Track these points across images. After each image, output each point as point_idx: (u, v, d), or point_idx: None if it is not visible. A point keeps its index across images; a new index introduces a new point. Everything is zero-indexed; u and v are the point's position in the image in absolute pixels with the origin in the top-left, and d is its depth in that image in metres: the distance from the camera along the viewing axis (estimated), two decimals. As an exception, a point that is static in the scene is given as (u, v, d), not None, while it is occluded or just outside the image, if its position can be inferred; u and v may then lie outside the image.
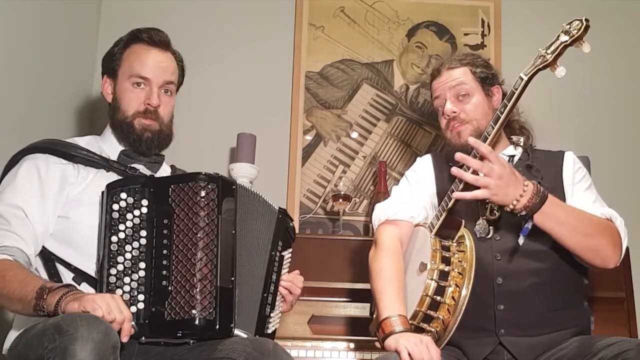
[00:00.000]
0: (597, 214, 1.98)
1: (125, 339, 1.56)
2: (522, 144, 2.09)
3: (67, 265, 1.79)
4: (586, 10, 3.07)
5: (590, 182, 2.09)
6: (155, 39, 1.99)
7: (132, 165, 1.95)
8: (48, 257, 1.81)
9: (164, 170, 2.05)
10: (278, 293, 1.97)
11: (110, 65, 2.00)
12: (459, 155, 1.86)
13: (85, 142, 1.98)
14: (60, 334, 1.45)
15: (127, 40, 2.01)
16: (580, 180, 2.07)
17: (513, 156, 2.12)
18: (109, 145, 1.98)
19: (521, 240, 1.89)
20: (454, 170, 1.87)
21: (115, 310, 1.55)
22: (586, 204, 2.01)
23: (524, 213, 1.85)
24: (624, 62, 3.15)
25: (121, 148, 1.97)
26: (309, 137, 3.06)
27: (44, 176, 1.84)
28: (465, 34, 3.16)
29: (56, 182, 1.84)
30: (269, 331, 1.93)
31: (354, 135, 3.07)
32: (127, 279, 1.71)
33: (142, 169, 1.97)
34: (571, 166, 2.09)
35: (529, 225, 1.85)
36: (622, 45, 3.14)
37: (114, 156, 1.95)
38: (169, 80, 1.99)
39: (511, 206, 1.84)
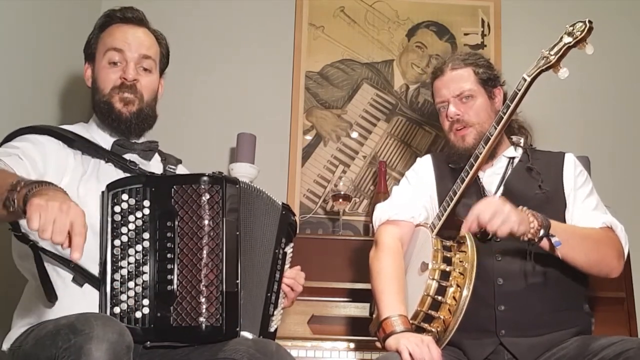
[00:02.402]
0: (597, 222, 1.99)
1: (75, 256, 1.35)
2: (522, 144, 2.09)
3: (66, 263, 1.72)
4: (586, 10, 3.08)
5: (591, 187, 2.09)
6: (127, 15, 1.95)
7: (126, 155, 1.90)
8: (39, 257, 1.71)
9: (156, 158, 2.01)
10: (281, 290, 1.96)
11: (88, 52, 1.97)
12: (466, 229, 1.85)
13: (76, 129, 1.92)
14: (75, 334, 1.44)
15: (101, 23, 1.97)
16: (581, 185, 2.08)
17: (513, 158, 2.12)
18: (99, 136, 1.92)
19: (560, 254, 1.86)
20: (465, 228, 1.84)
21: (58, 227, 1.34)
22: (587, 212, 2.02)
23: (542, 232, 1.83)
24: (624, 62, 3.15)
25: (112, 139, 1.91)
26: (309, 137, 3.05)
27: (47, 145, 1.79)
28: (465, 34, 3.16)
29: (58, 156, 1.79)
30: (272, 329, 1.93)
31: (354, 135, 3.07)
32: (131, 284, 1.69)
33: (135, 158, 1.91)
34: (572, 170, 2.09)
35: (555, 238, 1.83)
36: (622, 45, 3.14)
37: (106, 146, 1.90)
38: (144, 54, 1.93)
39: (532, 230, 1.83)
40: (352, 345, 2.42)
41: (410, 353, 1.73)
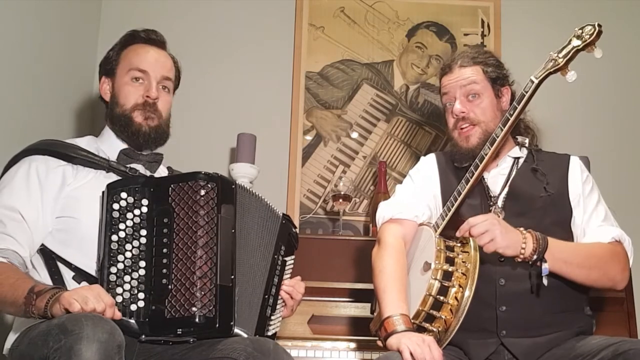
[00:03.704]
0: (607, 237, 1.99)
1: (118, 315, 1.62)
2: (527, 144, 2.09)
3: (68, 264, 1.80)
4: (586, 11, 3.09)
5: (598, 194, 2.09)
6: (151, 37, 2.04)
7: (132, 165, 1.96)
8: (49, 256, 1.81)
9: (162, 171, 2.06)
10: (279, 297, 1.98)
11: (108, 67, 2.03)
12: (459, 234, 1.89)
13: (84, 143, 1.98)
14: (66, 334, 1.45)
15: (123, 41, 2.04)
16: (589, 193, 2.08)
17: (518, 158, 2.11)
18: (107, 146, 1.99)
19: (545, 281, 1.86)
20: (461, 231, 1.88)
21: (93, 300, 1.55)
22: (595, 224, 2.03)
23: (535, 257, 1.85)
24: (624, 62, 3.15)
25: (120, 147, 1.97)
26: (309, 137, 3.05)
27: (42, 178, 1.84)
28: (465, 34, 3.16)
29: (55, 183, 1.84)
30: (269, 333, 1.94)
31: (354, 135, 3.07)
32: (127, 278, 1.72)
33: (141, 169, 1.97)
34: (578, 175, 2.09)
35: (545, 265, 1.85)
36: (623, 45, 3.13)
37: (113, 156, 1.96)
38: (166, 75, 2.02)
39: (521, 255, 1.85)
40: (352, 345, 2.42)
41: (411, 353, 1.73)
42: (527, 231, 1.88)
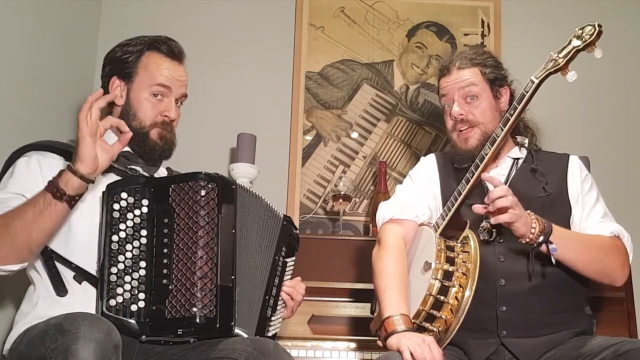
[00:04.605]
0: (606, 231, 1.99)
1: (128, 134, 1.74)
2: (526, 144, 2.09)
3: (68, 264, 1.78)
4: (586, 11, 3.10)
5: (597, 193, 2.10)
6: (175, 51, 2.01)
7: (131, 166, 1.95)
8: (49, 256, 1.80)
9: (161, 172, 2.06)
10: (279, 298, 1.98)
11: (125, 71, 1.98)
12: (487, 177, 1.91)
13: None
14: (62, 334, 1.46)
15: (144, 47, 2.00)
16: (588, 191, 2.08)
17: (518, 159, 2.12)
18: None
19: (554, 260, 1.88)
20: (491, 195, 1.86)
21: (89, 139, 1.66)
22: (595, 221, 2.03)
23: (541, 239, 1.86)
24: (624, 62, 3.15)
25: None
26: (309, 137, 3.05)
27: (44, 169, 1.82)
28: (465, 34, 3.16)
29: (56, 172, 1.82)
30: (270, 334, 1.95)
31: (354, 135, 3.07)
32: (127, 278, 1.72)
33: (140, 170, 1.96)
34: (577, 174, 2.09)
35: (552, 245, 1.86)
36: (623, 45, 3.14)
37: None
38: (185, 93, 2.02)
39: (530, 234, 1.85)
40: (352, 345, 2.42)
41: (411, 353, 1.74)
42: (531, 213, 1.89)
